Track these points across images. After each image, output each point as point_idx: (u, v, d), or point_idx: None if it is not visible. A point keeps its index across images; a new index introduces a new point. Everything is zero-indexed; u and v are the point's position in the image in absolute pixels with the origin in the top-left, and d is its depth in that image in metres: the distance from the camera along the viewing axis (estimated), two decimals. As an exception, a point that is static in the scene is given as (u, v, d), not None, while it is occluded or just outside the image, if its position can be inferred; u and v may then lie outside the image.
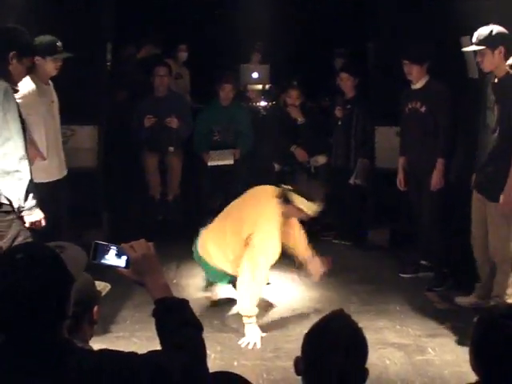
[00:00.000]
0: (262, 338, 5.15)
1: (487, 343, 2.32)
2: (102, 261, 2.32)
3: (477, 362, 2.35)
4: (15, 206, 4.40)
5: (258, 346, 5.08)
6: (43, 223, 4.56)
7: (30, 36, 4.78)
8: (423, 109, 6.14)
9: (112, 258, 2.32)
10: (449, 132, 6.05)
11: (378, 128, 7.45)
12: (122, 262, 2.31)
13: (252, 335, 5.15)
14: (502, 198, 5.05)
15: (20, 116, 4.47)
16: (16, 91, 4.57)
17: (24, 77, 4.84)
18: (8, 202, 4.42)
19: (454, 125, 6.07)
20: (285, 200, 5.32)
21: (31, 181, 4.45)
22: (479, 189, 5.43)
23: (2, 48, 4.55)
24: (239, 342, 5.11)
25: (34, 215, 4.48)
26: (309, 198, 5.29)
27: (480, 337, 2.36)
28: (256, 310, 5.22)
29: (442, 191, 6.09)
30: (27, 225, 4.47)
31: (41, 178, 4.98)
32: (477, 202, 5.50)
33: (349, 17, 9.24)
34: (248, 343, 5.09)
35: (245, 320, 5.19)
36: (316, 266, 5.63)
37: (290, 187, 5.33)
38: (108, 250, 2.32)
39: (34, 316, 1.98)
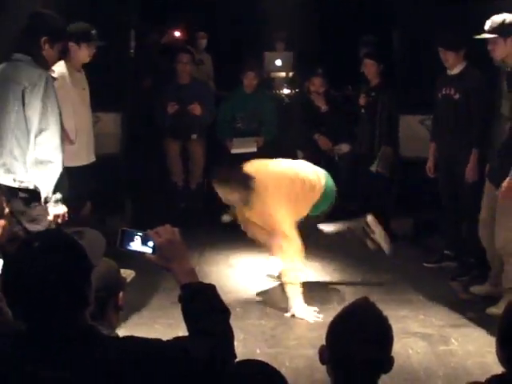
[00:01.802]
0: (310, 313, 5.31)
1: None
2: (129, 247, 2.32)
3: (504, 353, 2.33)
4: (42, 195, 4.39)
5: (311, 320, 5.22)
6: (66, 217, 4.51)
7: (61, 21, 4.74)
8: (457, 96, 6.04)
9: (139, 245, 2.31)
10: (483, 122, 5.90)
11: (402, 116, 7.39)
12: (148, 248, 2.31)
13: (303, 311, 5.30)
14: (506, 181, 5.02)
15: (58, 106, 4.48)
16: (54, 79, 4.58)
17: (55, 62, 4.83)
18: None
19: (489, 114, 5.90)
20: None
21: (62, 173, 4.45)
22: (491, 178, 5.38)
23: (33, 33, 4.52)
24: (286, 315, 5.29)
25: (59, 208, 4.45)
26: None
27: (507, 327, 2.33)
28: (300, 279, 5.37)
29: (475, 182, 5.90)
30: (50, 217, 4.44)
31: (70, 162, 4.99)
32: (488, 191, 5.45)
33: (374, 3, 9.17)
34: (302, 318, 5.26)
35: (291, 293, 5.34)
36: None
37: None
38: (135, 237, 2.32)
39: (55, 304, 1.98)
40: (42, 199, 4.40)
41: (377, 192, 7.56)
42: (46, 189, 4.38)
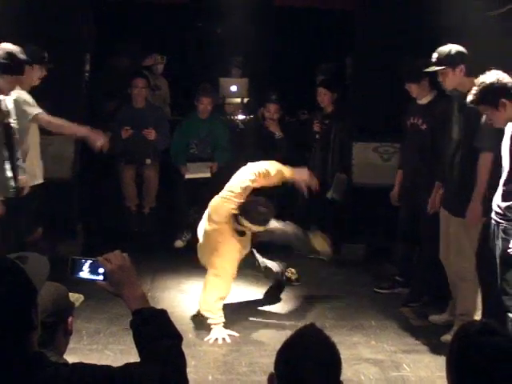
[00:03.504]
0: (230, 336, 5.38)
1: (463, 360, 2.31)
2: (80, 276, 2.33)
3: (453, 379, 2.34)
4: None
5: (228, 340, 5.32)
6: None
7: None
8: (423, 126, 6.03)
9: (89, 272, 2.33)
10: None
11: (356, 144, 7.45)
12: (99, 275, 2.32)
13: (217, 332, 5.36)
14: (468, 211, 5.07)
15: None
16: None
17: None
18: None
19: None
20: (237, 222, 5.65)
21: None
22: (445, 204, 5.42)
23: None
24: (205, 339, 5.31)
25: None
26: (257, 224, 5.62)
27: (456, 353, 2.35)
28: (221, 319, 5.48)
29: (437, 214, 5.72)
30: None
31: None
32: (444, 219, 5.48)
33: (329, 32, 9.28)
34: (216, 339, 5.31)
35: (209, 321, 5.46)
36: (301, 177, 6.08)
37: (240, 213, 5.60)
38: (85, 264, 2.33)
39: None
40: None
41: (330, 218, 7.61)
42: None
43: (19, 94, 5.68)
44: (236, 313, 5.88)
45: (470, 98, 4.66)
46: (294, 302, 6.26)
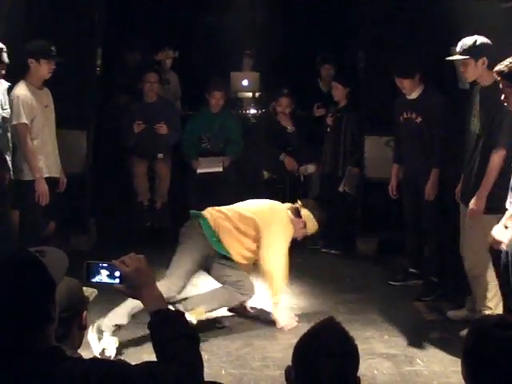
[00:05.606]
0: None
1: (479, 353, 2.30)
2: (96, 280, 2.32)
3: (468, 373, 2.33)
4: None
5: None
6: None
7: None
8: (419, 120, 6.11)
9: (105, 276, 2.31)
10: (444, 143, 6.02)
11: (368, 137, 7.43)
12: (115, 278, 2.31)
13: (286, 318, 5.54)
14: (472, 201, 5.06)
15: None
16: None
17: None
18: None
19: (449, 135, 6.00)
20: (295, 212, 5.72)
21: None
22: (463, 198, 5.39)
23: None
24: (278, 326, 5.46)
25: None
26: (315, 216, 5.73)
27: (471, 347, 2.34)
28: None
29: (437, 201, 6.05)
30: None
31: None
32: (463, 214, 5.44)
33: (341, 26, 9.25)
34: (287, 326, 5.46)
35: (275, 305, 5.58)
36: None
37: (300, 203, 5.80)
38: (100, 269, 2.32)
39: (18, 321, 1.94)
40: None
41: (342, 212, 7.59)
42: None
43: (25, 93, 5.69)
44: (248, 308, 5.87)
45: (498, 67, 4.58)
46: (307, 297, 6.25)
